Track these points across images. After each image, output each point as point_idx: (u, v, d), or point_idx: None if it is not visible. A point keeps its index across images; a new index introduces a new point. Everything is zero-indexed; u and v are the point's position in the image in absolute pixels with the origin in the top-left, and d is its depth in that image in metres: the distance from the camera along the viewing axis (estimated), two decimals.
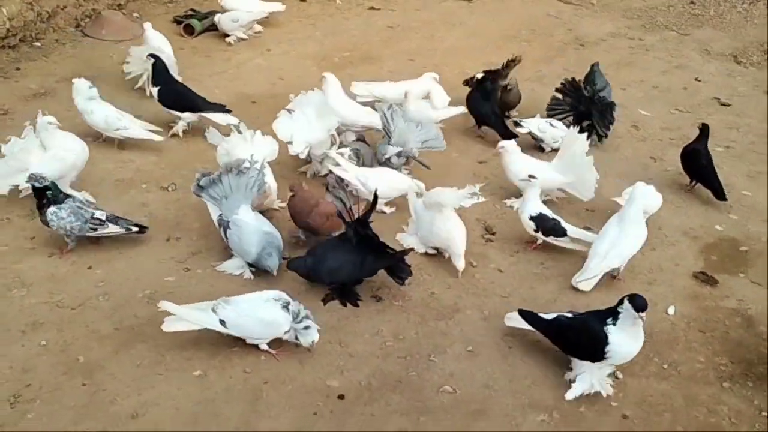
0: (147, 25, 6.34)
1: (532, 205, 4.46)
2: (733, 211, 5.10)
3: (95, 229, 4.16)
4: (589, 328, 3.44)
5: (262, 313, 3.57)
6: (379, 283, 4.18)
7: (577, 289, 4.18)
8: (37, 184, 4.11)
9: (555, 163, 4.90)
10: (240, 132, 4.71)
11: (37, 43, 6.80)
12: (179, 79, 5.90)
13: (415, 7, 8.70)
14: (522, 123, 5.63)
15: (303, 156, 4.90)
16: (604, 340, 3.38)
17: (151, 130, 5.28)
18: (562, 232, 4.44)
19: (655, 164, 5.65)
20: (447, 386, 3.54)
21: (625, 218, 4.23)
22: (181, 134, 5.48)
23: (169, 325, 3.56)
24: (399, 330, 3.88)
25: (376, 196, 4.16)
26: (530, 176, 4.54)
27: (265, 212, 4.52)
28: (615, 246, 4.16)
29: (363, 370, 3.62)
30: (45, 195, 4.11)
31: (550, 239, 4.45)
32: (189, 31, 7.20)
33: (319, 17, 8.15)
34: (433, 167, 5.05)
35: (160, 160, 5.25)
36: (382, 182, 4.60)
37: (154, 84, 5.47)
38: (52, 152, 4.53)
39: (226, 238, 4.14)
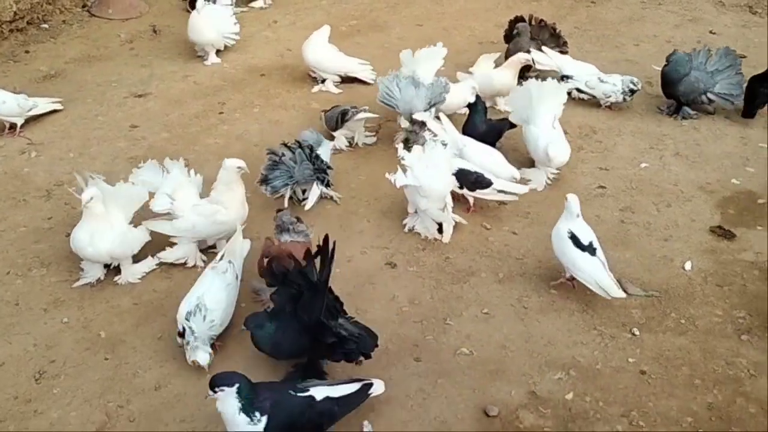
0: None
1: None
2: (750, 164, 5.03)
3: None
4: None
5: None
6: (393, 249, 4.20)
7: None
8: None
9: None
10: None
11: (45, 25, 6.82)
12: None
13: None
14: (571, 78, 5.55)
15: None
16: None
17: (52, 102, 5.41)
18: (487, 184, 4.33)
19: (670, 119, 5.57)
20: (464, 348, 3.57)
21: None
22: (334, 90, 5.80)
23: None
24: (414, 295, 3.90)
25: (327, 248, 3.20)
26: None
27: None
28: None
29: (380, 335, 3.62)
30: None
31: (478, 194, 4.38)
32: (194, 5, 7.14)
33: None
34: None
35: (171, 136, 5.28)
36: (478, 154, 4.55)
37: None
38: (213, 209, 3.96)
39: None
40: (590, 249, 3.74)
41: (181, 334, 3.43)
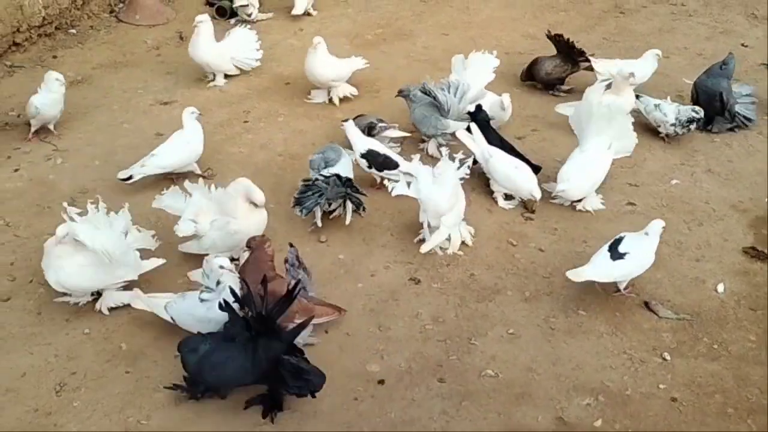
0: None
1: (359, 144, 4.63)
2: None
3: None
4: None
5: (195, 311, 3.52)
6: (417, 264, 4.14)
7: None
8: None
9: None
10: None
11: (73, 31, 6.84)
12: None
13: None
14: (641, 99, 5.31)
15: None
16: None
17: None
18: (394, 165, 4.57)
19: (701, 134, 5.45)
20: (489, 370, 3.49)
21: None
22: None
23: (135, 303, 3.69)
24: (438, 312, 3.83)
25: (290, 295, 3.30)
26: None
27: None
28: None
29: (403, 353, 3.59)
30: None
31: (385, 173, 4.58)
32: (221, 13, 7.16)
33: None
34: None
35: None
36: (504, 165, 4.52)
37: None
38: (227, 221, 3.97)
39: None
40: (618, 255, 3.74)
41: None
